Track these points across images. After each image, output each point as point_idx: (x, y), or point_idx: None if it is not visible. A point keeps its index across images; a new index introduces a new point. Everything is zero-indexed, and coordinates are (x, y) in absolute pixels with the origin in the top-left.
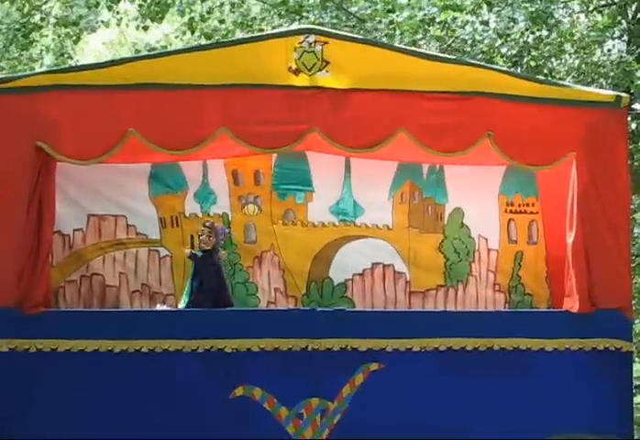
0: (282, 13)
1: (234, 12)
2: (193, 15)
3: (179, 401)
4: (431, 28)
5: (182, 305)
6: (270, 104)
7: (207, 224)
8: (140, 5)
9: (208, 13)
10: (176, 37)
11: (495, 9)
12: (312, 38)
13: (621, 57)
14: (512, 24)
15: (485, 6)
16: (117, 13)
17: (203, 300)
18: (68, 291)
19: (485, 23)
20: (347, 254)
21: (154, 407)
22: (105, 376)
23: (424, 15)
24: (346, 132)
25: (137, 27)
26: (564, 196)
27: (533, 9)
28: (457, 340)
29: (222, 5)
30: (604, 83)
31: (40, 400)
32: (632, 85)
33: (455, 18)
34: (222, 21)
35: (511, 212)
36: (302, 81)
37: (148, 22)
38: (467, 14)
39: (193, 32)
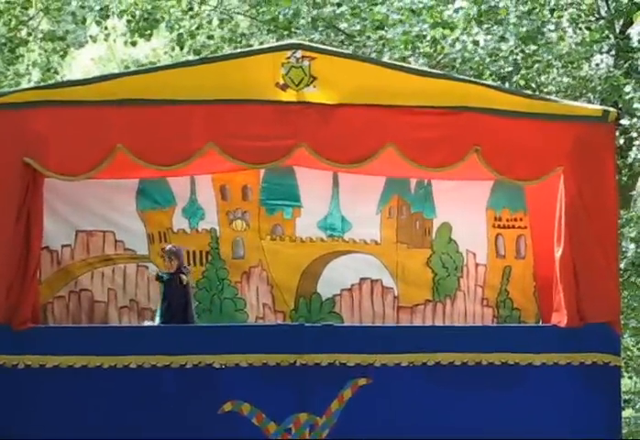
0: (271, 28)
1: (222, 28)
2: (181, 31)
3: (167, 417)
4: (420, 45)
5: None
6: (258, 120)
7: (166, 249)
8: (129, 21)
9: (197, 29)
10: (165, 52)
11: (485, 26)
12: (299, 53)
13: (609, 71)
14: (501, 43)
15: (475, 24)
16: (106, 28)
17: (171, 320)
18: (56, 306)
19: (475, 43)
20: (336, 269)
21: (143, 423)
22: (94, 392)
23: (419, 30)
24: (333, 147)
25: (126, 43)
26: (552, 210)
27: (523, 29)
28: (446, 355)
29: (210, 21)
30: (592, 98)
31: (29, 416)
32: (619, 100)
33: (444, 36)
34: (210, 37)
35: (499, 226)
36: (289, 96)
37: (137, 38)
38: (457, 32)
39: (182, 48)
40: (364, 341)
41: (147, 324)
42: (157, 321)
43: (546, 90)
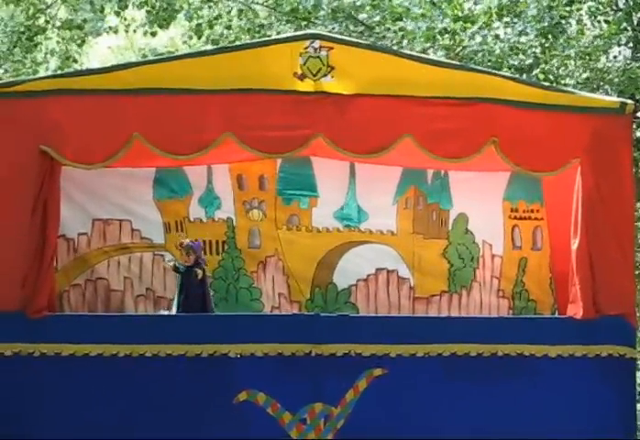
0: (290, 19)
1: (242, 19)
2: (200, 20)
3: (182, 406)
4: (440, 38)
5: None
6: (275, 110)
7: (183, 244)
8: (148, 12)
9: (216, 18)
10: (183, 42)
11: (505, 20)
12: (317, 43)
13: (627, 64)
14: (521, 37)
15: (495, 18)
16: (125, 19)
17: (189, 310)
18: (72, 295)
19: (496, 36)
20: (352, 259)
21: (157, 411)
22: (109, 380)
23: (440, 25)
24: (350, 137)
25: (145, 34)
26: (569, 202)
27: (544, 24)
28: (461, 346)
29: (229, 11)
30: (609, 90)
31: (44, 404)
32: (637, 92)
33: (465, 29)
34: (229, 27)
35: (515, 218)
36: (307, 86)
37: (156, 28)
38: (477, 26)
39: (200, 38)
40: (379, 331)
41: (163, 313)
42: (174, 311)
43: (563, 82)
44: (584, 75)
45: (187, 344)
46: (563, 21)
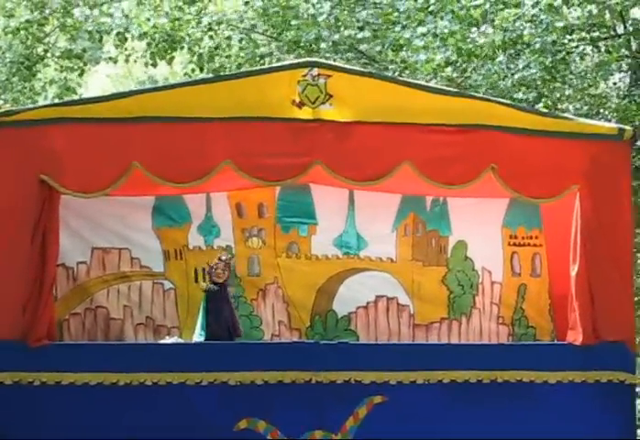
0: (290, 49)
1: (243, 48)
2: (201, 51)
3: (183, 434)
4: (442, 70)
5: (198, 339)
6: (274, 137)
7: (223, 257)
8: (149, 44)
9: (216, 48)
10: (184, 73)
11: (509, 52)
12: (315, 71)
13: (628, 90)
14: (524, 71)
15: (500, 51)
16: (125, 49)
17: (220, 332)
18: (72, 323)
19: (504, 75)
20: (351, 287)
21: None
22: (109, 409)
23: (442, 57)
24: (349, 165)
25: (147, 65)
26: (568, 228)
27: (549, 59)
28: (461, 373)
29: (229, 42)
30: (609, 116)
31: (44, 433)
32: (637, 119)
33: (468, 61)
34: (229, 56)
35: (514, 244)
36: (305, 114)
37: (158, 60)
38: (481, 60)
39: (202, 70)
40: (380, 359)
41: (168, 339)
42: (199, 334)
43: (562, 106)
44: (584, 100)
45: (187, 372)
46: (567, 57)
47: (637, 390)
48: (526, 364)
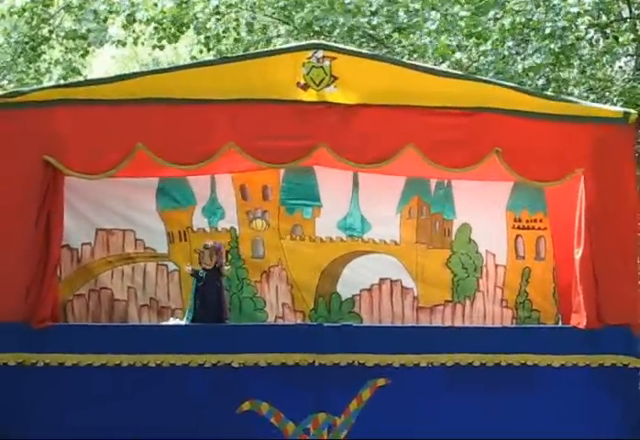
0: (302, 32)
1: (251, 31)
2: (209, 34)
3: (186, 416)
4: (452, 55)
5: (185, 322)
6: (279, 120)
7: (208, 245)
8: (156, 28)
9: (224, 32)
10: (192, 57)
11: (519, 38)
12: (320, 53)
13: (634, 73)
14: (534, 56)
15: (509, 36)
16: (133, 31)
17: (206, 317)
18: (76, 305)
19: (504, 57)
20: (355, 269)
21: (161, 421)
22: (113, 390)
23: (452, 41)
24: (353, 147)
25: (154, 47)
26: (572, 212)
27: (558, 45)
28: (465, 356)
29: (237, 25)
30: (615, 100)
31: (47, 414)
32: None
33: (478, 45)
34: (237, 40)
35: (518, 227)
36: (310, 96)
37: (165, 42)
38: (491, 45)
39: (209, 50)
40: (383, 341)
41: (171, 321)
42: (187, 317)
43: (568, 90)
44: (589, 84)
45: (191, 354)
46: (577, 43)
47: None
48: (530, 347)
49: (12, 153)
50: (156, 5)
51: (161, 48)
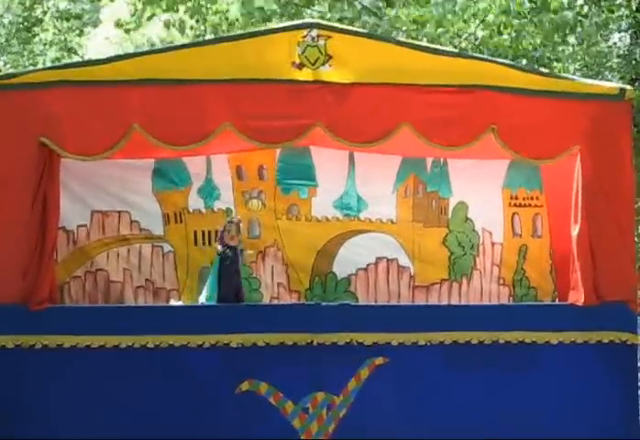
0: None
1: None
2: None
3: (184, 396)
4: (447, 28)
5: (202, 299)
6: (274, 99)
7: (235, 220)
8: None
9: (216, 14)
10: (191, 27)
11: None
12: (315, 32)
13: (629, 49)
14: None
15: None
16: (136, 10)
17: (230, 295)
18: (73, 286)
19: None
20: (351, 248)
21: (160, 402)
22: (112, 372)
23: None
24: (349, 126)
25: (150, 18)
26: (568, 189)
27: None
28: (463, 334)
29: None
30: (610, 76)
31: (46, 396)
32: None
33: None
34: (232, 23)
35: (515, 205)
36: (305, 75)
37: (157, 9)
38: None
39: (197, 21)
40: (381, 320)
41: (173, 303)
42: (206, 295)
43: (562, 66)
44: (584, 61)
45: (189, 334)
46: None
47: (639, 350)
48: (528, 325)
49: (7, 135)
50: None
51: (149, 18)
